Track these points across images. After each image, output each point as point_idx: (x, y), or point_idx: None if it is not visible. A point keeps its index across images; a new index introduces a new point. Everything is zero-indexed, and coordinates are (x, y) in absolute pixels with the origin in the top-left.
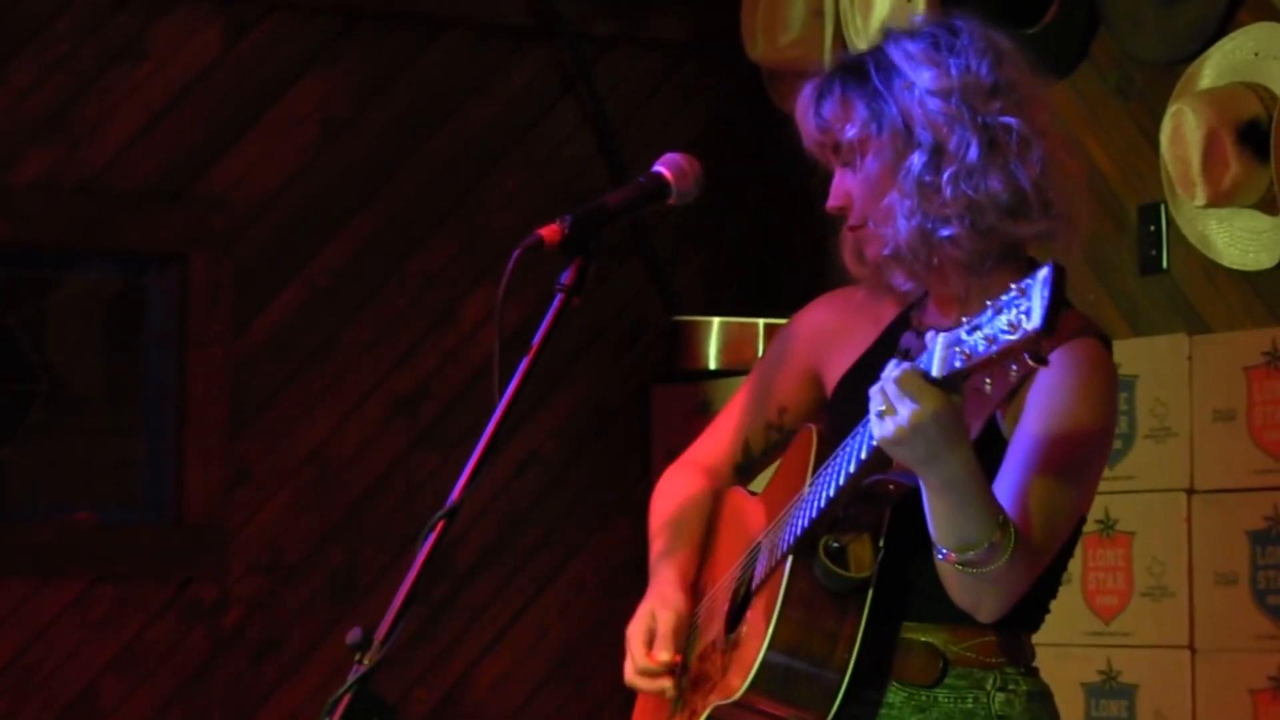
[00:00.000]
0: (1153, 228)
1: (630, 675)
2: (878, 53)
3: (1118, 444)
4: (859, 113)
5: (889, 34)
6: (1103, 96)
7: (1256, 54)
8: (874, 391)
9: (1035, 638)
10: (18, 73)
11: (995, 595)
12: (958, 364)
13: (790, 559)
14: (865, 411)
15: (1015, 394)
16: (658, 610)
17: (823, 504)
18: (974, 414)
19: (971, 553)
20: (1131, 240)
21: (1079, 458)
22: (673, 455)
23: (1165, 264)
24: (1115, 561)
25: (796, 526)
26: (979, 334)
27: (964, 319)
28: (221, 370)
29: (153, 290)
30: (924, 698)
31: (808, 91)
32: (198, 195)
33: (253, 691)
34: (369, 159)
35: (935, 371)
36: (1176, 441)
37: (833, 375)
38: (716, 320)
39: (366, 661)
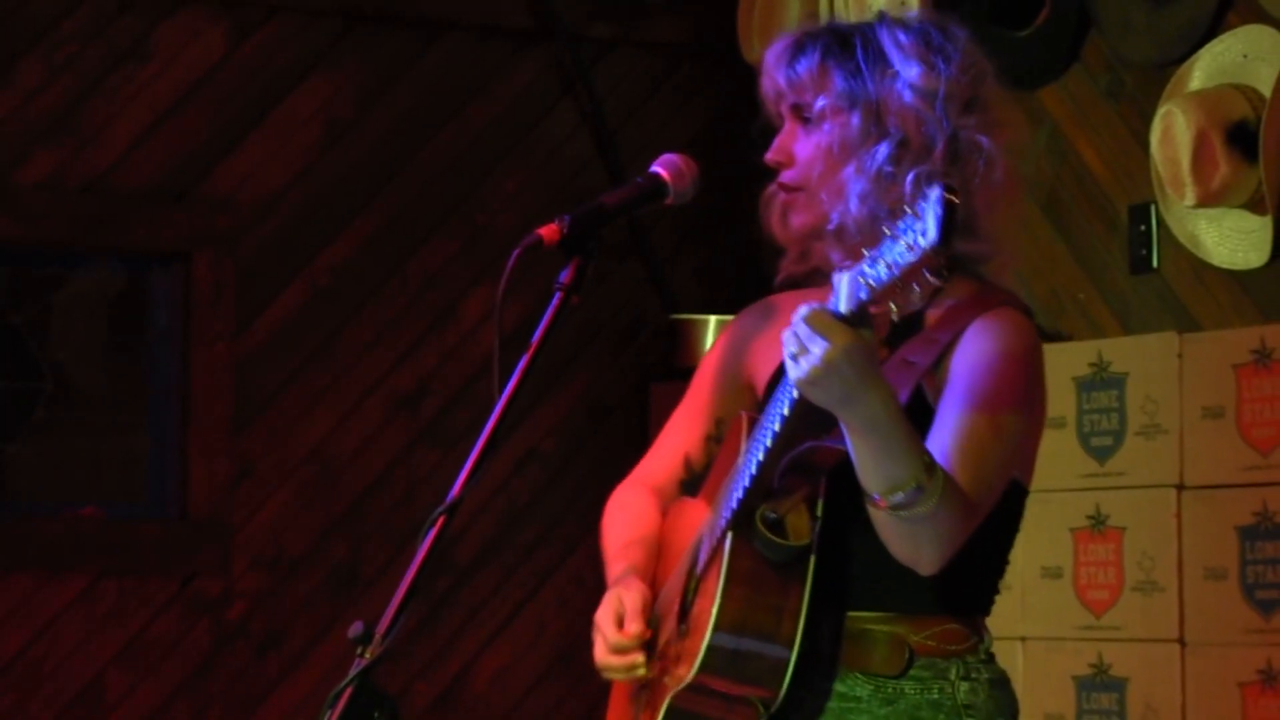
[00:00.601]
0: (1143, 227)
1: (601, 655)
2: (867, 31)
3: (1108, 440)
4: (835, 84)
5: (883, 18)
6: (1093, 98)
7: (1245, 56)
8: (786, 335)
9: (1026, 630)
10: (25, 74)
11: (932, 542)
12: (863, 295)
13: (730, 535)
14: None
15: (940, 364)
16: (623, 594)
17: (754, 470)
18: (900, 384)
19: (899, 494)
20: (1122, 240)
21: (1004, 416)
22: None
23: (1155, 263)
24: (1106, 556)
25: (733, 500)
26: (880, 263)
27: (865, 252)
28: (225, 368)
29: (157, 289)
30: (891, 689)
31: (784, 43)
32: (202, 195)
33: (256, 685)
34: (371, 160)
35: (843, 307)
36: (1166, 438)
37: (761, 379)
38: (713, 318)
39: (368, 655)
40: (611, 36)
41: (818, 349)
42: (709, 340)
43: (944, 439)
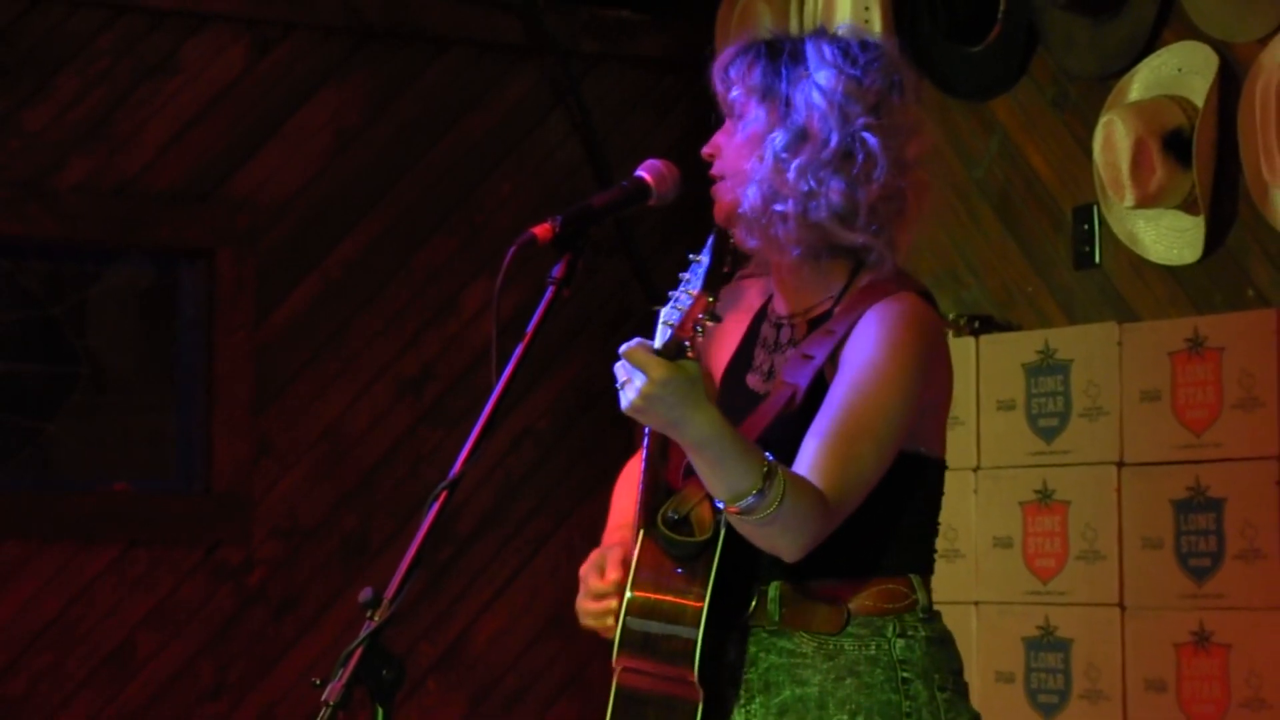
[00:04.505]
0: (1086, 226)
1: (581, 602)
2: (798, 41)
3: (1054, 421)
4: (754, 80)
5: (819, 31)
6: (1041, 108)
7: (1180, 70)
8: (615, 368)
9: (979, 595)
10: (62, 86)
11: (785, 536)
12: (667, 335)
13: (640, 536)
14: (739, 399)
15: (835, 354)
16: (605, 551)
17: (649, 477)
18: (800, 378)
19: (742, 501)
20: (1067, 238)
21: (882, 403)
22: None
23: (1098, 259)
24: (1053, 528)
25: (641, 503)
26: (676, 306)
27: (671, 295)
28: (246, 355)
29: (183, 283)
30: (832, 646)
31: (730, 51)
32: (224, 197)
33: (274, 645)
34: (378, 165)
35: (656, 343)
36: (1108, 419)
37: (719, 368)
38: None
39: (376, 618)
40: (599, 52)
41: (638, 382)
42: None
43: (816, 436)
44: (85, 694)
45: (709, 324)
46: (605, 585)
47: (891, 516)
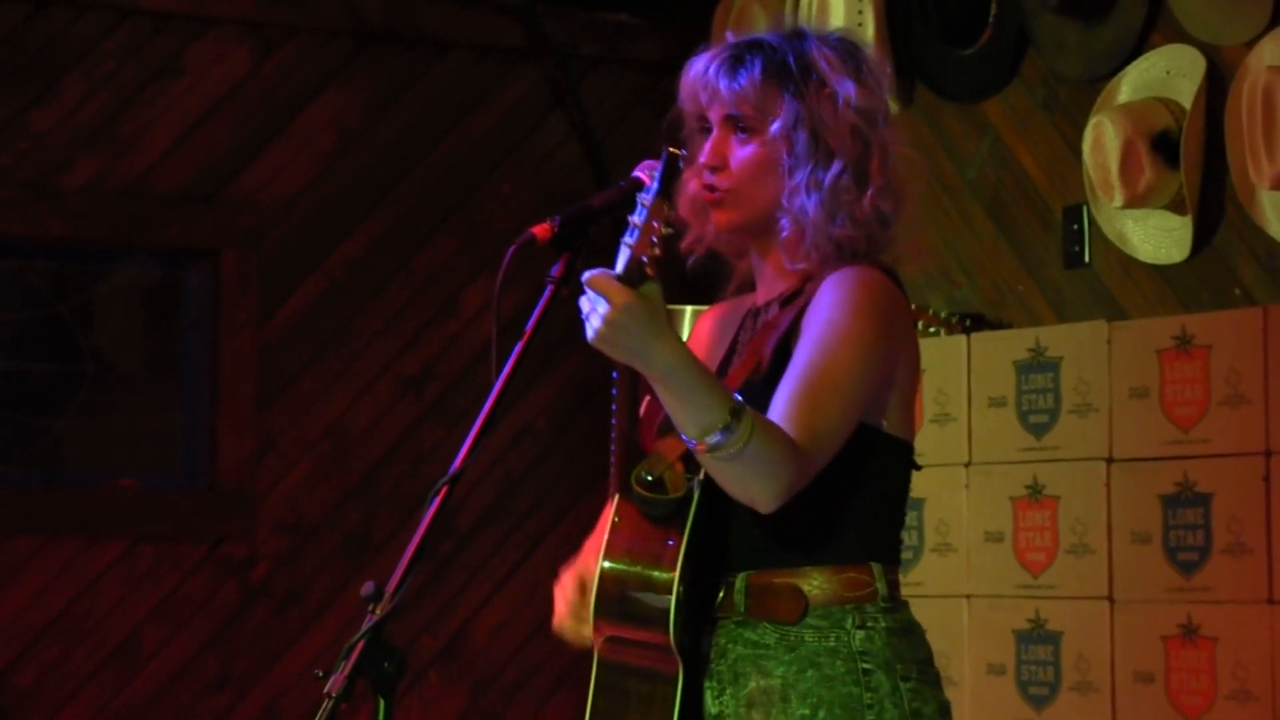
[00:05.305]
0: (1076, 226)
1: (564, 620)
2: (796, 46)
3: (1045, 417)
4: (784, 106)
5: (803, 33)
6: (1031, 110)
7: (1168, 72)
8: (581, 300)
9: (970, 589)
10: (69, 89)
11: (758, 478)
12: (626, 254)
13: (616, 498)
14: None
15: (797, 322)
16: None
17: (620, 439)
18: (765, 343)
19: (711, 436)
20: (1057, 237)
21: (842, 361)
22: None
23: (1087, 258)
24: (1043, 522)
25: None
26: (633, 223)
27: (629, 220)
28: (250, 353)
29: (188, 282)
30: (793, 637)
31: (721, 55)
32: (228, 197)
33: (278, 638)
34: (380, 166)
35: (617, 268)
36: (1097, 416)
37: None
38: (689, 308)
39: (378, 612)
40: (598, 55)
41: (601, 309)
42: (686, 327)
43: (784, 389)
44: (92, 687)
45: (667, 232)
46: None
47: (848, 494)
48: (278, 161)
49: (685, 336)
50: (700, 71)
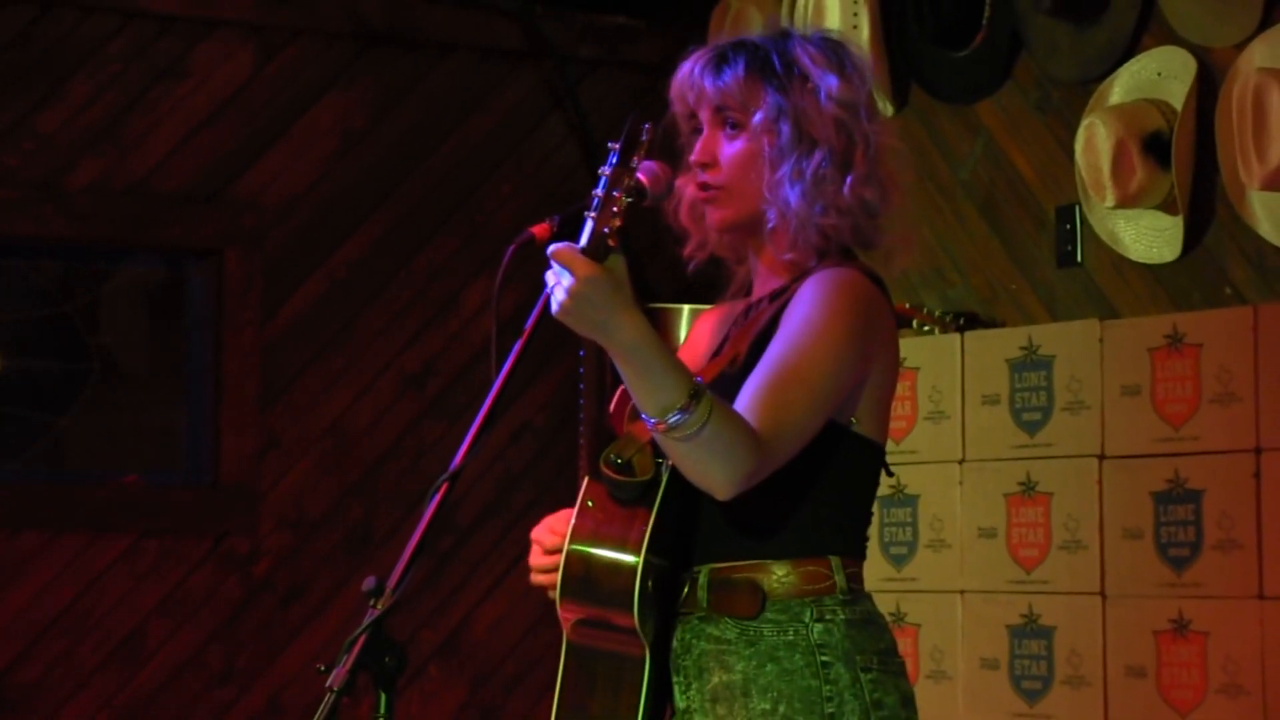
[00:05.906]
0: (1068, 226)
1: (533, 559)
2: (780, 44)
3: (1037, 415)
4: (767, 100)
5: (787, 32)
6: (1024, 112)
7: (1159, 74)
8: (546, 274)
9: (964, 584)
10: (74, 90)
11: (715, 465)
12: (590, 226)
13: (586, 480)
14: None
15: (777, 317)
16: (556, 515)
17: (586, 431)
18: (743, 338)
19: (670, 416)
20: (1050, 237)
21: (812, 356)
22: None
23: (1080, 258)
24: (1036, 518)
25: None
26: (595, 195)
27: (593, 194)
28: (253, 351)
29: (192, 281)
30: (753, 631)
31: (707, 55)
32: (232, 198)
33: (280, 632)
34: (382, 166)
35: (582, 241)
36: (1089, 413)
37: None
38: (686, 308)
39: (380, 606)
40: (595, 58)
41: (565, 281)
42: (683, 326)
43: (751, 381)
44: (97, 680)
45: (629, 201)
46: (558, 541)
47: (811, 489)
48: (281, 162)
49: (682, 330)
50: (686, 72)
